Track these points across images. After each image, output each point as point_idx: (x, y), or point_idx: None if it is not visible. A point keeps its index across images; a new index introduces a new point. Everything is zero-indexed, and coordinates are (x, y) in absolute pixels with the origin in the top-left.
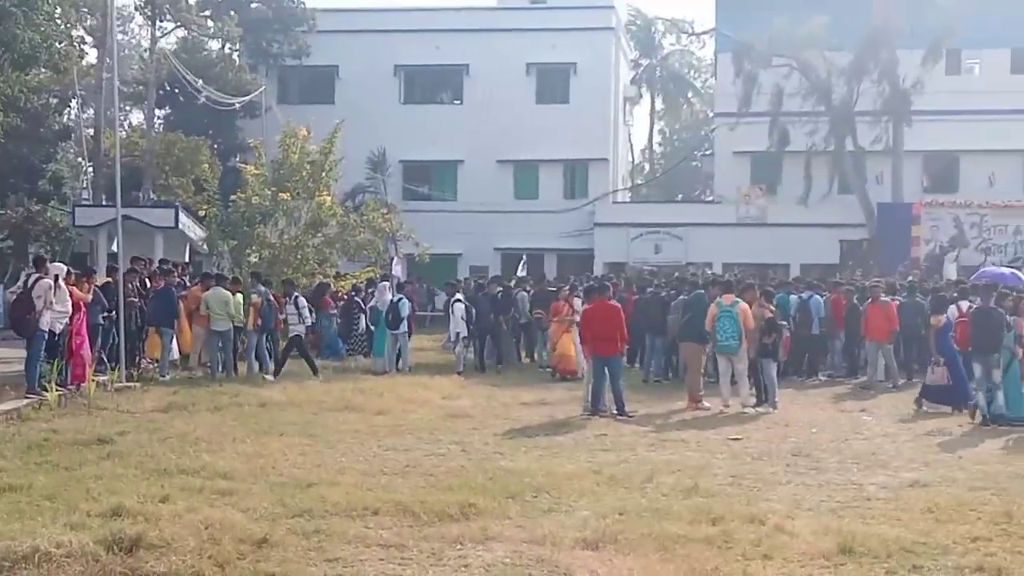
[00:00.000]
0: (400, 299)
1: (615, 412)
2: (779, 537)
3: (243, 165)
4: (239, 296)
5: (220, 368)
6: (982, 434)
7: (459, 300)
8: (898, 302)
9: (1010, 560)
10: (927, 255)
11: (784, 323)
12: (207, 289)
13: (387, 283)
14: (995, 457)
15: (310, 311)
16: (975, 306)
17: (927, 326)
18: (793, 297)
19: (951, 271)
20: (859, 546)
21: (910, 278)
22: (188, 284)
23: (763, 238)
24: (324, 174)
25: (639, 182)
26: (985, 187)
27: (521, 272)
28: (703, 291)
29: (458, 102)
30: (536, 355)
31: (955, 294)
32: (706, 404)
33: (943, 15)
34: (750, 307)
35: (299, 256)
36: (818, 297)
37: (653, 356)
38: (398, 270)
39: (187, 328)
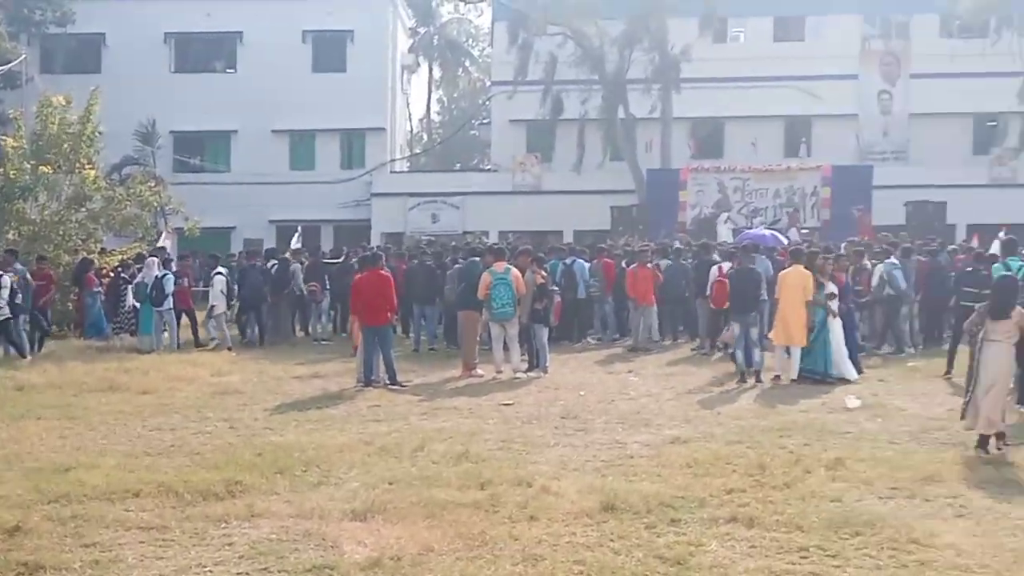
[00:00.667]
0: (165, 275)
1: (387, 382)
2: (545, 498)
3: (2, 139)
4: None
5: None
6: (739, 391)
7: (220, 273)
8: (664, 265)
9: (762, 509)
10: (693, 219)
11: (555, 288)
12: None
13: (154, 259)
14: (751, 412)
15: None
16: (734, 267)
17: (690, 288)
18: (559, 263)
19: (724, 232)
20: (621, 503)
21: (676, 243)
22: None
23: (538, 206)
24: (85, 145)
25: (417, 151)
26: (748, 152)
27: (296, 244)
28: (477, 259)
29: (231, 70)
30: (311, 328)
31: (716, 256)
32: (479, 371)
33: None
34: (523, 273)
35: (61, 232)
36: (582, 262)
37: (425, 325)
38: (167, 245)
39: None
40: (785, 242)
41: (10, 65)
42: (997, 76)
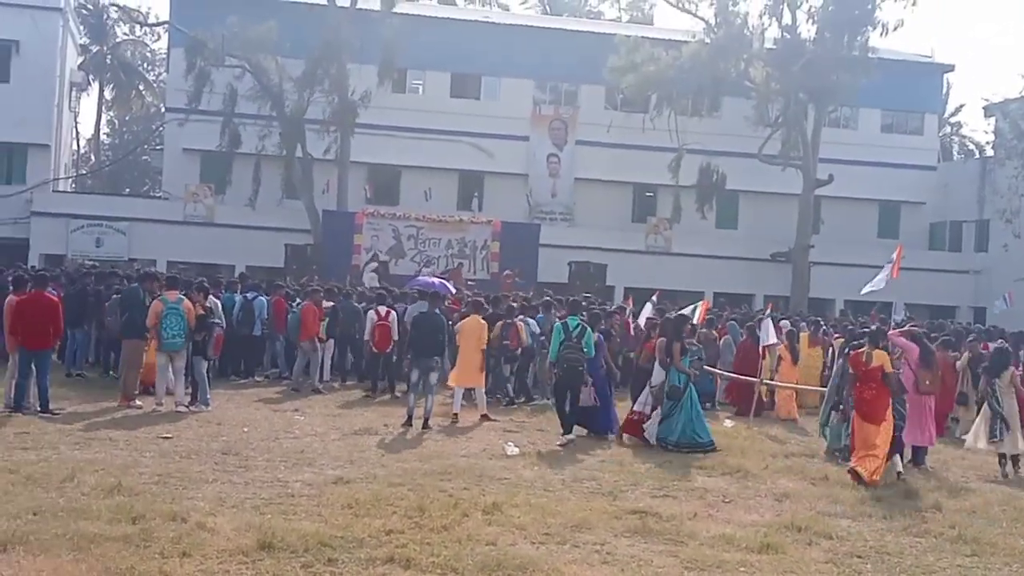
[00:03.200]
0: None
1: (39, 408)
2: (200, 534)
3: None
4: None
5: None
6: (405, 433)
7: None
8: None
9: (419, 551)
10: (366, 263)
11: (217, 320)
12: None
13: None
14: (415, 455)
15: None
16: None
17: (361, 330)
18: (238, 297)
19: (369, 279)
20: (279, 541)
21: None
22: None
23: (210, 238)
24: None
25: (83, 172)
26: (422, 201)
27: None
28: (137, 286)
29: None
30: None
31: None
32: (139, 403)
33: (390, 35)
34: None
35: None
36: (262, 298)
37: (78, 349)
38: None
39: None
40: (453, 291)
41: None
42: (655, 150)
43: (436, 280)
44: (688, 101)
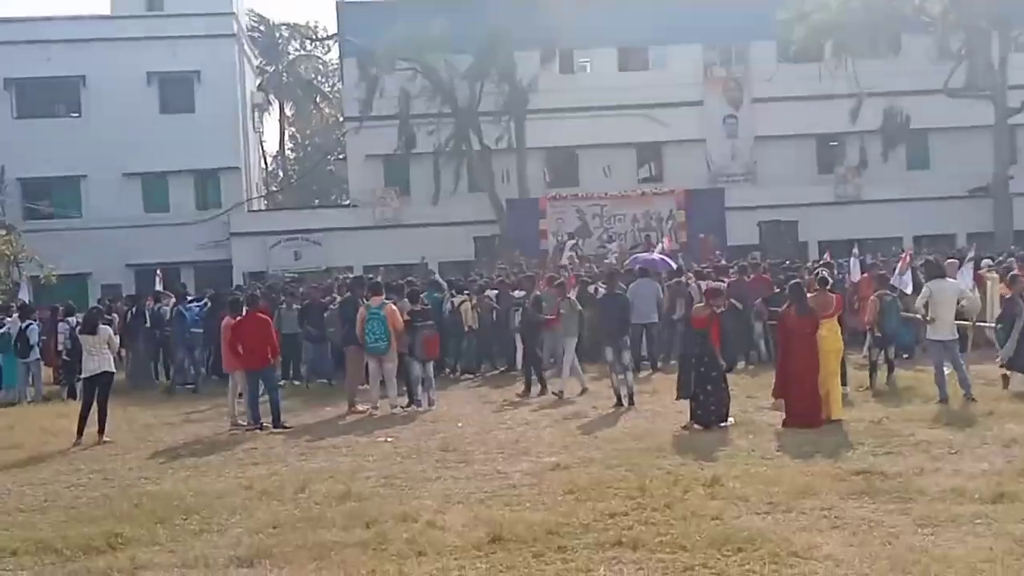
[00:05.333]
0: (29, 325)
1: (272, 425)
2: (432, 532)
3: None
4: None
5: None
6: (616, 414)
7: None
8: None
9: (645, 531)
10: (555, 247)
11: (428, 322)
12: None
13: (13, 307)
14: (628, 435)
15: None
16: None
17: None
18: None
19: (568, 258)
20: (507, 533)
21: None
22: None
23: (400, 239)
24: None
25: (273, 189)
26: (602, 179)
27: (159, 287)
28: (352, 295)
29: (76, 115)
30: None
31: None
32: (360, 407)
33: (554, 17)
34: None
35: None
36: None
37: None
38: (24, 294)
39: None
40: (674, 266)
41: None
42: (834, 98)
43: (658, 257)
44: (864, 44)
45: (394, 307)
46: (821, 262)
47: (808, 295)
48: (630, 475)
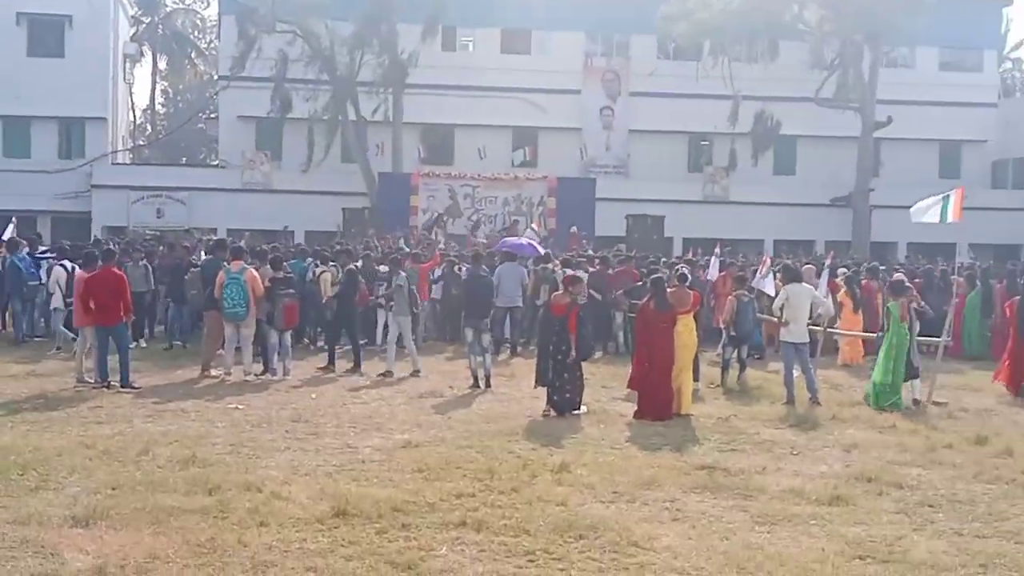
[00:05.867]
0: None
1: (117, 384)
2: (275, 503)
3: None
4: None
5: None
6: (472, 396)
7: (62, 266)
8: None
9: (490, 513)
10: (424, 224)
11: (290, 291)
12: None
13: None
14: (481, 417)
15: None
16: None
17: None
18: (309, 261)
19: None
20: (352, 508)
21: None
22: None
23: (268, 204)
24: None
25: (141, 143)
26: (476, 160)
27: (9, 235)
28: (215, 257)
29: None
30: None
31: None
32: (215, 373)
33: None
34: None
35: None
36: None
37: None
38: None
39: None
40: (542, 251)
41: None
42: (709, 98)
43: (525, 242)
44: (742, 47)
45: (255, 273)
46: (685, 259)
47: (667, 290)
48: (480, 457)
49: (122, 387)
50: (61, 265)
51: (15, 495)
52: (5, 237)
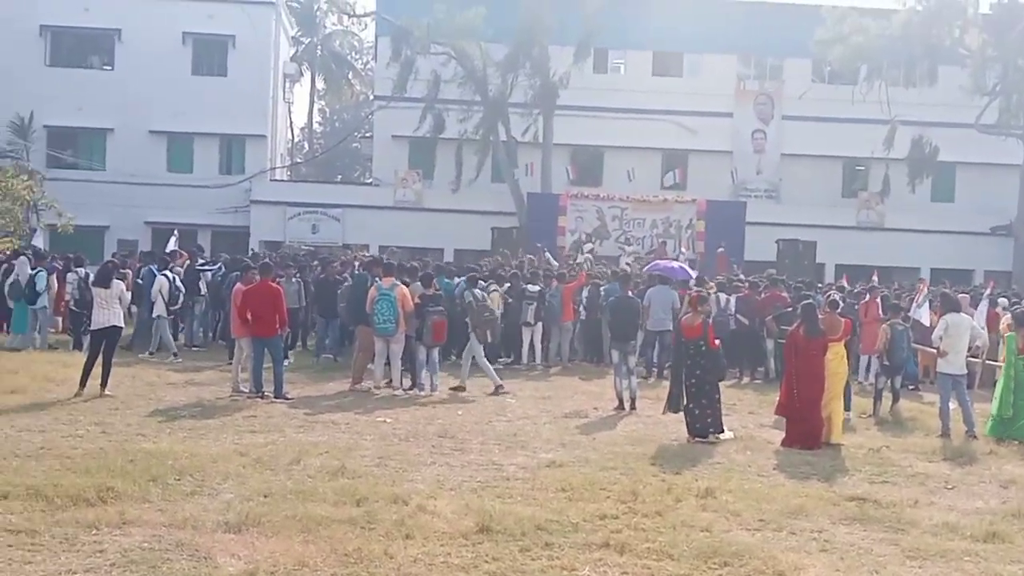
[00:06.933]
0: (38, 272)
1: (273, 395)
2: (421, 517)
3: None
4: None
5: None
6: (617, 417)
7: (164, 275)
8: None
9: (634, 536)
10: (572, 244)
11: (439, 308)
12: None
13: (26, 256)
14: (626, 439)
15: None
16: (616, 295)
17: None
18: (459, 281)
19: (582, 258)
20: (496, 524)
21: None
22: None
23: (419, 222)
24: None
25: (298, 160)
26: (625, 182)
27: (172, 247)
28: (365, 273)
29: (109, 68)
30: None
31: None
32: (364, 386)
33: (590, 15)
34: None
35: None
36: (482, 282)
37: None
38: (38, 241)
39: None
40: (693, 275)
41: None
42: (865, 123)
43: (676, 265)
44: (899, 72)
45: (405, 289)
46: (837, 285)
47: (819, 317)
48: (624, 479)
49: (276, 398)
50: (163, 275)
51: (172, 499)
52: (168, 250)
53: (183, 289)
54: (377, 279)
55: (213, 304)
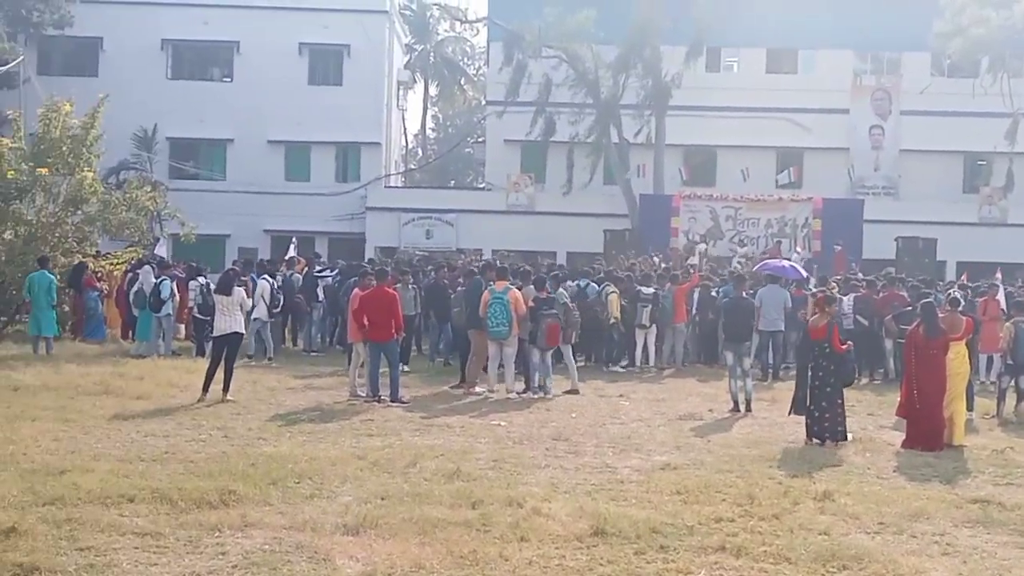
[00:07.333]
0: (162, 280)
1: (387, 398)
2: (536, 519)
3: None
4: None
5: None
6: (732, 419)
7: (265, 279)
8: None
9: (750, 539)
10: (684, 246)
11: (552, 311)
12: None
13: (151, 265)
14: (741, 441)
15: None
16: (729, 296)
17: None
18: (571, 284)
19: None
20: (611, 527)
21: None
22: None
23: (531, 226)
24: (86, 150)
25: (412, 167)
26: (739, 181)
27: (292, 254)
28: (480, 278)
29: (228, 79)
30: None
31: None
32: (478, 389)
33: (703, 14)
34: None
35: (57, 234)
36: (594, 284)
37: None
38: (162, 250)
39: None
40: (804, 275)
41: (8, 66)
42: (986, 116)
43: (788, 264)
44: (1022, 63)
45: (518, 293)
46: (957, 283)
47: (939, 315)
48: (740, 482)
49: (392, 401)
50: (265, 280)
51: (291, 502)
52: (287, 256)
53: (284, 294)
54: (490, 283)
55: (331, 310)
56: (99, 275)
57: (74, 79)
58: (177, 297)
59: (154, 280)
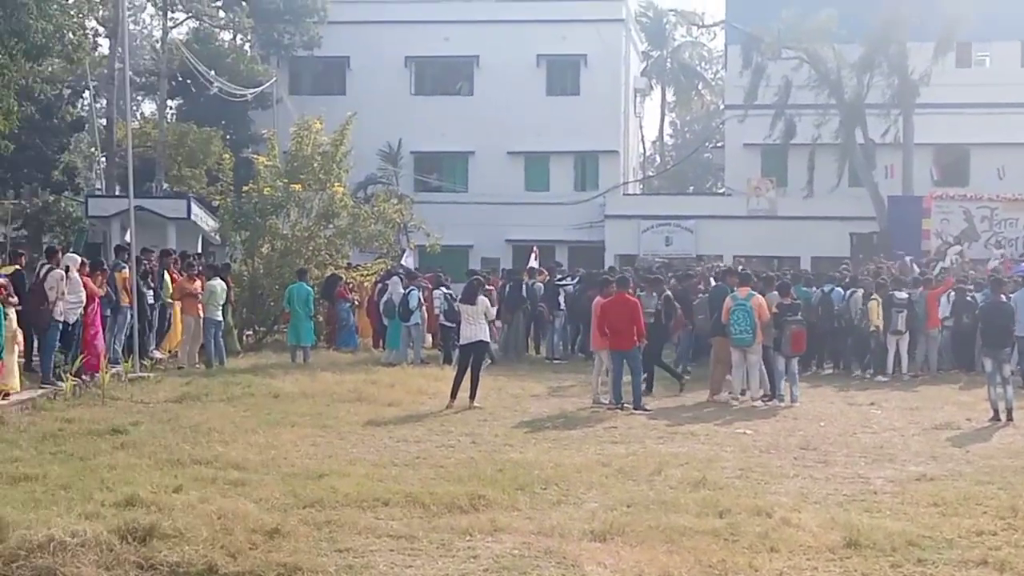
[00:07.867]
0: (411, 290)
1: (630, 406)
2: (785, 530)
3: (255, 156)
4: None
5: (215, 356)
6: (992, 429)
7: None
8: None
9: (1014, 554)
10: (937, 248)
11: (797, 317)
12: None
13: (399, 275)
14: (1003, 451)
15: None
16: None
17: None
18: (815, 290)
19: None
20: (864, 539)
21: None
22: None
23: (773, 231)
24: (335, 165)
25: (650, 174)
26: (995, 180)
27: (533, 263)
28: (722, 285)
29: (469, 93)
30: (546, 347)
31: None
32: (722, 397)
33: (952, 7)
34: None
35: (311, 247)
36: (839, 290)
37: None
38: (409, 261)
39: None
40: None
41: (262, 87)
42: None
43: None
44: None
45: (762, 299)
46: None
47: None
48: (1001, 494)
49: (635, 409)
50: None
51: (539, 508)
52: (528, 266)
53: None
54: (732, 289)
55: (571, 317)
56: (351, 286)
57: (323, 98)
58: (424, 307)
59: (403, 290)
